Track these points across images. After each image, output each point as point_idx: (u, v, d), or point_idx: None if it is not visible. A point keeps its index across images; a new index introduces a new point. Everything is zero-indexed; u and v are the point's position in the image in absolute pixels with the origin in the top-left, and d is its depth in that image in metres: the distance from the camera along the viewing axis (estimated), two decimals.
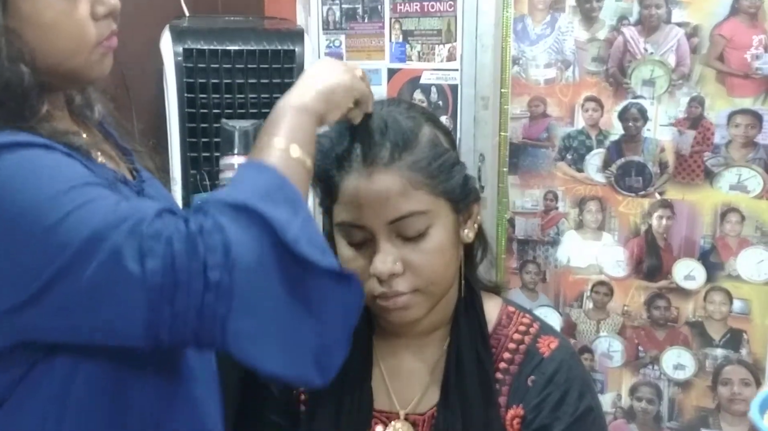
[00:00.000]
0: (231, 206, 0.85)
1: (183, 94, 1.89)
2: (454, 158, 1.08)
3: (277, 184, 0.89)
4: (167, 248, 0.82)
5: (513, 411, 1.11)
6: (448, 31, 2.22)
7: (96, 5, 0.98)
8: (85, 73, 1.01)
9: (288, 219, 0.85)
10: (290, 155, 0.93)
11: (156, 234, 0.83)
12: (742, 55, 1.91)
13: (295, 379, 0.89)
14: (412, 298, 1.05)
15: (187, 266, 0.82)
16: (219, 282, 0.82)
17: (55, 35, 0.95)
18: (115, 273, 0.83)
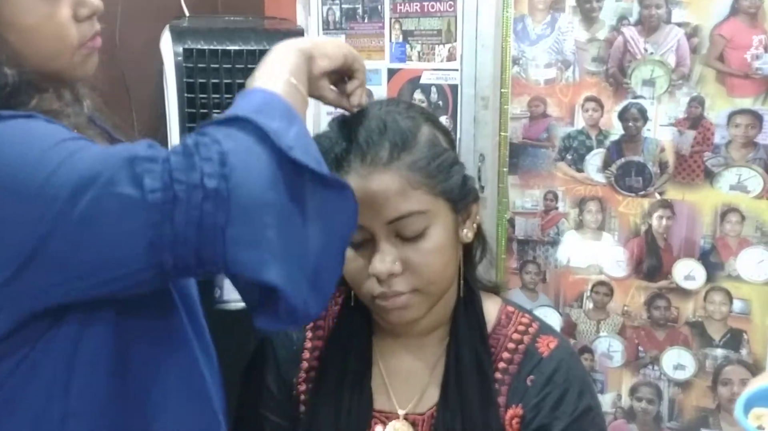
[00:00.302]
0: (225, 121, 0.86)
1: (183, 94, 1.88)
2: (453, 158, 1.08)
3: (270, 100, 0.90)
4: (164, 165, 0.83)
5: (512, 410, 1.11)
6: (448, 31, 2.22)
7: (78, 7, 0.98)
8: (68, 74, 1.01)
9: (282, 128, 0.86)
10: (283, 80, 0.94)
11: (152, 157, 0.83)
12: (742, 55, 1.91)
13: (291, 295, 0.87)
14: (411, 298, 1.06)
15: (186, 178, 0.82)
16: (216, 190, 0.82)
17: (37, 38, 0.96)
18: (110, 202, 0.83)
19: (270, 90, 0.91)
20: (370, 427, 1.15)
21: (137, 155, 0.84)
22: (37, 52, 0.96)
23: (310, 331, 1.23)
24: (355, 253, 1.07)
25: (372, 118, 1.05)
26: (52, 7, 0.96)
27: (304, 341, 1.22)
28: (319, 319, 1.23)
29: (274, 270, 0.85)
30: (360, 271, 1.06)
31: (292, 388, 1.22)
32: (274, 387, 1.23)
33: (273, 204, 0.85)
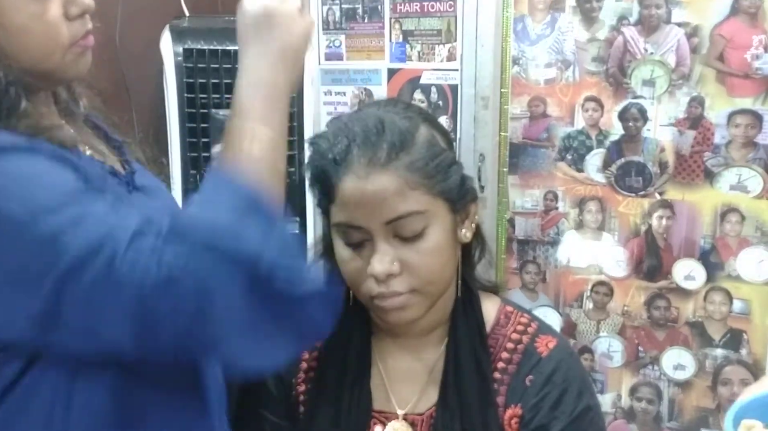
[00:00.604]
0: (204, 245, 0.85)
1: (183, 93, 1.89)
2: (451, 158, 1.08)
3: (252, 203, 0.89)
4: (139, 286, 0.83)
5: (511, 410, 1.11)
6: (448, 31, 2.21)
7: (69, 5, 0.97)
8: (60, 73, 1.00)
9: (260, 243, 0.86)
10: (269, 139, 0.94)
11: (128, 271, 0.84)
12: (742, 55, 1.91)
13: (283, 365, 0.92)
14: (410, 298, 1.06)
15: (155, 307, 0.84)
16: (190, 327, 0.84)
17: (27, 38, 0.95)
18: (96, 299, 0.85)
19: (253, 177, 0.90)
20: (369, 427, 1.15)
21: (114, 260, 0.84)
22: (27, 51, 0.95)
23: None
24: (353, 254, 1.07)
25: (370, 119, 1.05)
26: (41, 6, 0.94)
27: None
28: None
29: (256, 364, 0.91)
30: (358, 272, 1.06)
31: (291, 389, 1.21)
32: (273, 387, 1.22)
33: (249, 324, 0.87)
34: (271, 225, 0.89)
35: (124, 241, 0.85)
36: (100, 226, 0.86)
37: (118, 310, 0.84)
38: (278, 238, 0.88)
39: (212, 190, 0.92)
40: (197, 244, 0.85)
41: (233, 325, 0.86)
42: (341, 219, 1.05)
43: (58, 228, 0.85)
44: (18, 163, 0.89)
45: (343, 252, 1.07)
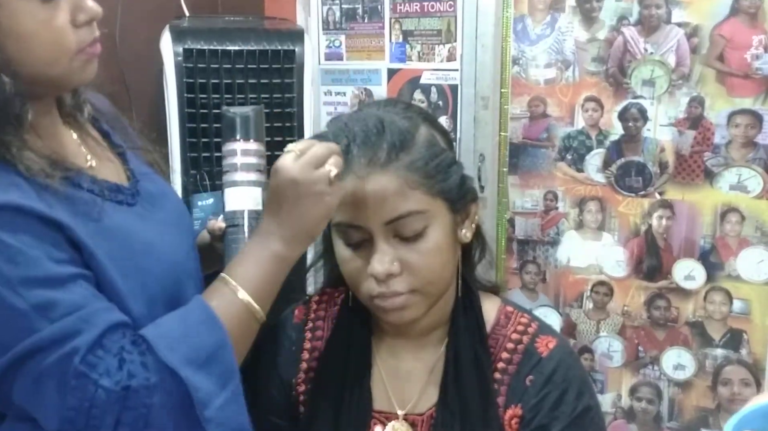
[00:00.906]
0: (166, 368, 0.90)
1: (183, 94, 1.88)
2: (451, 158, 1.08)
3: (218, 352, 0.94)
4: (90, 392, 0.88)
5: (511, 410, 1.11)
6: (448, 31, 2.22)
7: (76, 12, 0.97)
8: (67, 80, 1.00)
9: (211, 394, 0.92)
10: (249, 311, 1.00)
11: (85, 372, 0.88)
12: (742, 55, 1.91)
13: None
14: (410, 298, 1.05)
15: (101, 416, 0.88)
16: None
17: (35, 44, 0.95)
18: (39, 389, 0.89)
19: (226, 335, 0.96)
20: (369, 427, 1.15)
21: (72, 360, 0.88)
22: (34, 57, 0.95)
23: (309, 332, 1.23)
24: (353, 254, 1.06)
25: (370, 119, 1.05)
26: (50, 13, 0.94)
27: (303, 342, 1.22)
28: (318, 320, 1.23)
29: None
30: (359, 272, 1.06)
31: (291, 389, 1.21)
32: (273, 388, 1.22)
33: None
34: (228, 380, 0.94)
35: (90, 339, 0.89)
36: (71, 319, 0.90)
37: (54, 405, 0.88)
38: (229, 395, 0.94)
39: (193, 322, 0.97)
40: (162, 365, 0.90)
41: None
42: (341, 219, 1.05)
43: (29, 307, 0.88)
44: (4, 229, 0.90)
45: (344, 252, 1.07)
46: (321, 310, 1.24)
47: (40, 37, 0.94)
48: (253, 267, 1.01)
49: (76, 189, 0.99)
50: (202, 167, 1.90)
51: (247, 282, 1.00)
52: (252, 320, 1.01)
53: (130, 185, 1.10)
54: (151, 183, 1.16)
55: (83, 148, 1.08)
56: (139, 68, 2.06)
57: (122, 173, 1.12)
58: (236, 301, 0.99)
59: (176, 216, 1.17)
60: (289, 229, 1.01)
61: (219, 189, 1.85)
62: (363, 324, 1.18)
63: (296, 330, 1.23)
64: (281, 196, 1.01)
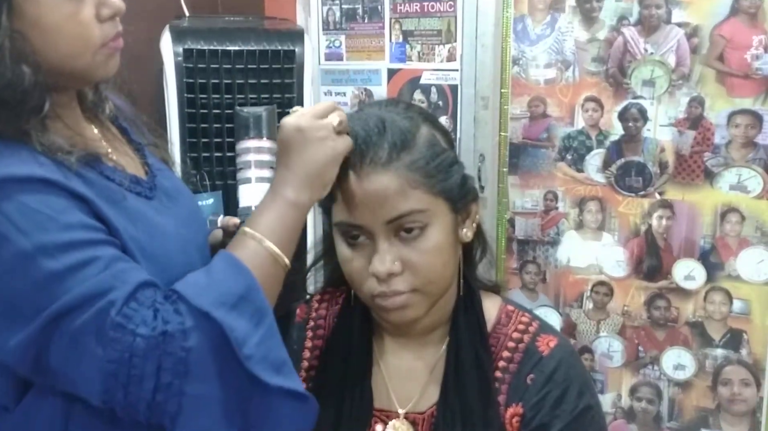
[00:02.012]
0: (197, 311, 0.90)
1: (183, 94, 1.88)
2: (452, 158, 1.08)
3: (247, 293, 0.94)
4: (129, 341, 0.88)
5: (512, 409, 1.11)
6: (448, 32, 2.22)
7: (101, 7, 0.99)
8: (90, 73, 1.02)
9: (247, 333, 0.91)
10: (272, 255, 0.99)
11: (122, 324, 0.88)
12: (742, 56, 1.91)
13: None
14: (411, 298, 1.05)
15: (142, 365, 0.88)
16: (170, 384, 0.88)
17: (60, 37, 0.96)
18: (79, 346, 0.88)
19: (254, 273, 0.96)
20: (370, 426, 1.15)
21: (109, 313, 0.88)
22: (59, 51, 0.96)
23: (311, 331, 1.23)
24: (354, 253, 1.06)
25: (371, 119, 1.05)
26: (75, 7, 0.96)
27: (305, 340, 1.22)
28: (319, 319, 1.23)
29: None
30: (360, 271, 1.06)
31: None
32: None
33: (224, 402, 0.91)
34: (262, 318, 0.94)
35: (124, 294, 0.89)
36: (104, 275, 0.90)
37: (95, 360, 0.88)
38: (265, 332, 0.93)
39: (219, 270, 0.96)
40: (195, 309, 0.90)
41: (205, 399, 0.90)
42: (342, 219, 1.06)
43: (62, 268, 0.89)
44: (33, 198, 0.91)
45: (345, 251, 1.07)
46: (322, 309, 1.24)
47: (65, 31, 0.96)
48: (272, 216, 1.01)
49: (98, 175, 1.00)
50: (202, 167, 1.90)
51: (269, 231, 1.00)
52: (278, 267, 1.00)
53: (148, 179, 1.12)
54: (167, 179, 1.17)
55: (104, 141, 1.09)
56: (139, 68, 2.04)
57: (140, 168, 1.13)
58: (260, 250, 0.99)
59: (190, 212, 1.18)
60: (299, 176, 1.01)
61: (219, 189, 1.87)
62: (364, 323, 1.18)
63: (297, 329, 1.24)
64: (288, 146, 1.02)
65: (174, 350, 0.88)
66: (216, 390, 0.90)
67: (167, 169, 1.21)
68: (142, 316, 0.89)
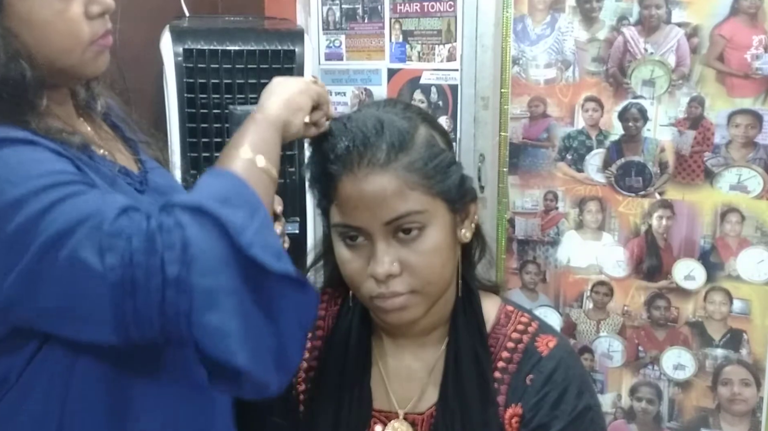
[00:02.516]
0: (190, 208, 0.88)
1: (183, 94, 1.88)
2: (450, 158, 1.07)
3: (236, 188, 0.93)
4: (126, 245, 0.85)
5: (511, 410, 1.11)
6: (448, 32, 2.22)
7: (90, 4, 0.99)
8: (79, 70, 1.02)
9: (243, 223, 0.89)
10: (255, 164, 0.97)
11: (117, 232, 0.86)
12: (742, 56, 1.91)
13: (258, 376, 0.90)
14: (410, 299, 1.05)
15: (145, 262, 0.85)
16: (178, 278, 0.85)
17: (50, 34, 0.97)
18: (77, 268, 0.86)
19: (240, 176, 0.95)
20: (369, 427, 1.15)
21: (103, 229, 0.86)
22: (48, 47, 0.97)
23: (310, 331, 1.22)
24: (353, 254, 1.06)
25: (369, 119, 1.05)
26: (64, 4, 0.97)
27: None
28: (318, 319, 1.23)
29: (242, 356, 0.88)
30: (358, 272, 1.06)
31: (291, 388, 1.21)
32: None
33: (234, 293, 0.87)
34: (256, 210, 0.92)
35: (113, 212, 0.88)
36: (90, 202, 0.89)
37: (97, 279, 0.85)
38: (261, 222, 0.91)
39: (204, 179, 0.96)
40: (187, 208, 0.88)
41: (214, 290, 0.86)
42: (341, 220, 1.05)
43: (48, 203, 0.87)
44: (18, 152, 0.91)
45: (343, 252, 1.07)
46: (321, 310, 1.24)
47: (54, 27, 0.97)
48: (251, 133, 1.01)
49: (90, 160, 1.01)
50: (203, 167, 1.90)
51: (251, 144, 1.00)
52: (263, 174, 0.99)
53: (140, 174, 1.12)
54: (160, 176, 1.17)
55: (96, 138, 1.10)
56: (139, 68, 2.06)
57: (133, 164, 1.14)
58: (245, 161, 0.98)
59: None
60: (273, 101, 1.04)
61: None
62: (363, 324, 1.18)
63: None
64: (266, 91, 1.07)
65: (173, 242, 0.85)
66: (225, 281, 0.87)
67: (160, 167, 1.21)
68: (137, 223, 0.87)
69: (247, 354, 0.88)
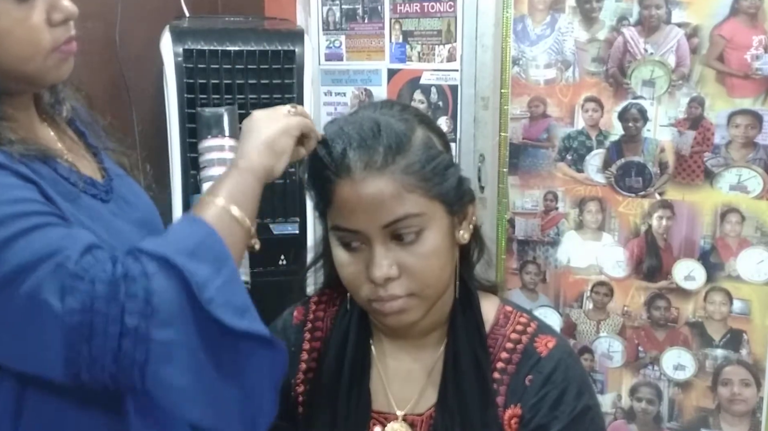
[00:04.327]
0: (157, 258, 0.88)
1: (183, 94, 1.88)
2: (448, 160, 1.07)
3: (206, 240, 0.92)
4: (89, 289, 0.85)
5: (511, 410, 1.11)
6: (448, 32, 2.22)
7: (52, 11, 0.98)
8: (41, 77, 1.01)
9: (208, 277, 0.88)
10: (229, 213, 0.97)
11: (80, 274, 0.85)
12: (741, 56, 1.91)
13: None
14: (408, 302, 1.05)
15: (106, 309, 0.85)
16: (137, 328, 0.85)
17: (10, 41, 0.96)
18: (36, 306, 0.85)
19: (212, 226, 0.94)
20: (368, 428, 1.15)
21: (67, 269, 0.85)
22: (9, 55, 0.96)
23: (308, 333, 1.22)
24: (351, 257, 1.06)
25: (366, 122, 1.04)
26: (25, 11, 0.96)
27: (302, 342, 1.22)
28: (317, 320, 1.23)
29: (194, 411, 0.89)
30: (356, 275, 1.05)
31: (290, 389, 1.21)
32: None
33: (194, 350, 0.88)
34: (223, 264, 0.92)
35: (77, 251, 0.87)
36: (55, 236, 0.88)
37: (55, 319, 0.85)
38: (226, 278, 0.91)
39: (177, 225, 0.96)
40: (154, 258, 0.88)
41: (171, 344, 0.86)
42: (338, 223, 1.05)
43: (11, 235, 0.86)
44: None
45: (341, 255, 1.07)
46: (320, 311, 1.24)
47: (15, 35, 0.96)
48: (229, 183, 1.00)
49: (52, 171, 1.00)
50: None
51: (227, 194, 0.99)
52: (237, 226, 0.98)
53: (105, 182, 1.11)
54: (125, 185, 1.16)
55: (60, 144, 1.09)
56: (139, 69, 2.06)
57: (97, 171, 1.13)
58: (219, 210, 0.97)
59: (148, 217, 1.18)
60: (253, 145, 1.02)
61: None
62: (362, 325, 1.18)
63: (295, 330, 1.23)
64: (245, 131, 1.05)
65: (137, 291, 0.85)
66: (183, 336, 0.87)
67: (125, 175, 1.20)
68: (102, 265, 0.86)
69: (200, 409, 0.89)
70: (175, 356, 0.86)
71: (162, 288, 0.86)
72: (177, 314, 0.86)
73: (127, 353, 0.85)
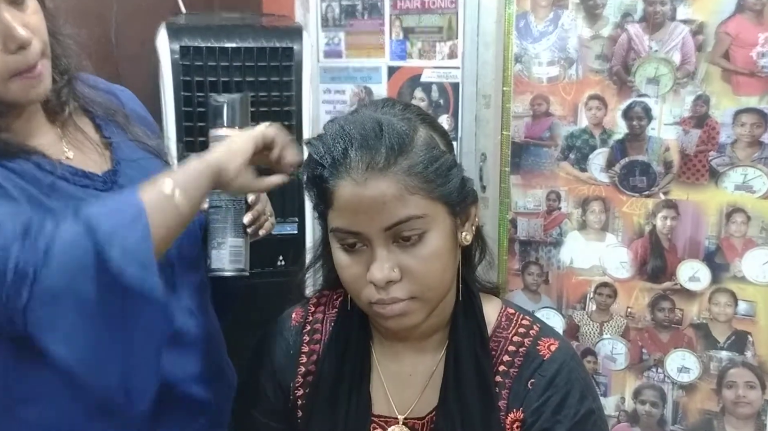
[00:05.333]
0: (78, 214, 0.97)
1: (179, 92, 1.88)
2: (451, 161, 1.05)
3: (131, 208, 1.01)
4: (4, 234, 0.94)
5: (513, 414, 1.10)
6: (449, 29, 2.20)
7: (6, 41, 1.03)
8: (9, 100, 1.06)
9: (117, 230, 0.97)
10: (170, 195, 1.05)
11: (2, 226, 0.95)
12: (747, 53, 1.89)
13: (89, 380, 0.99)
14: (410, 305, 1.03)
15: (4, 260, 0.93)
16: (26, 273, 0.93)
17: None
18: None
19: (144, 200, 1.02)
20: None
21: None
22: None
23: (307, 335, 1.21)
24: (351, 260, 1.04)
25: (367, 121, 1.02)
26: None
27: (301, 345, 1.20)
28: (316, 323, 1.22)
29: (73, 356, 0.96)
30: (357, 278, 1.04)
31: (289, 393, 1.20)
32: (270, 392, 1.21)
33: (82, 299, 0.95)
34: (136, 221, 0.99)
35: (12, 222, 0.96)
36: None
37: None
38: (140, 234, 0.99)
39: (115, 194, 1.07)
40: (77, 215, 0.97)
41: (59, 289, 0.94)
42: (339, 225, 1.03)
43: None
44: None
45: (341, 257, 1.05)
46: (319, 313, 1.22)
47: None
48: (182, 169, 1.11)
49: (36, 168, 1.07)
50: None
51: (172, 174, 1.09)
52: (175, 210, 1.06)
53: (105, 174, 1.16)
54: (138, 170, 1.21)
55: (63, 141, 1.14)
56: (136, 66, 2.05)
57: (105, 163, 1.18)
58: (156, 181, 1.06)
59: None
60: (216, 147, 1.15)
61: None
62: (362, 328, 1.17)
63: (294, 333, 1.22)
64: None
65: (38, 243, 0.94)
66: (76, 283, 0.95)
67: (144, 159, 1.26)
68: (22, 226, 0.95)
69: (77, 354, 0.95)
70: (61, 301, 0.94)
71: (65, 240, 0.94)
72: (74, 264, 0.94)
73: (12, 296, 0.93)
